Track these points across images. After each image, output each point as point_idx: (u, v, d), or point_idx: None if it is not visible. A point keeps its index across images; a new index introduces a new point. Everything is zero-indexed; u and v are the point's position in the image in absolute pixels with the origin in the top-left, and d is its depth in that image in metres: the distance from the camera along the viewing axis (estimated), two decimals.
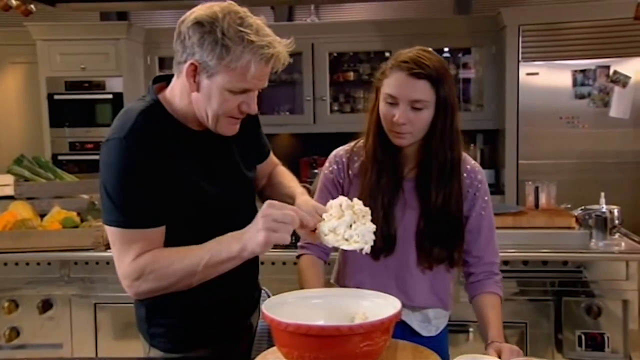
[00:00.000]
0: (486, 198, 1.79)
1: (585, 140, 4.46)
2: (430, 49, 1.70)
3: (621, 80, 4.36)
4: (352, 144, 1.84)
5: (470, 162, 1.79)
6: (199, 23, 1.41)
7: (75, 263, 2.86)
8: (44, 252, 2.80)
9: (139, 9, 5.51)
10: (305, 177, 4.96)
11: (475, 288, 1.77)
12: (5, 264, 2.86)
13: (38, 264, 2.87)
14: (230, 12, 1.42)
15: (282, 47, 1.44)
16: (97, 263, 2.85)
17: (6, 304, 2.87)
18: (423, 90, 1.62)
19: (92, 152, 4.93)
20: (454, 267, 1.78)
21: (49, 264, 2.87)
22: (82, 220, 2.92)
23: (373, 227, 1.43)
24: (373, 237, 1.42)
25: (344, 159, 1.81)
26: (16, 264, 2.86)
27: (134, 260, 1.44)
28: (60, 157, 4.98)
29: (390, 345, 1.44)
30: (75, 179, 3.25)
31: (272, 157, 1.85)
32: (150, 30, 5.20)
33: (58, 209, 2.94)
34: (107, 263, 2.82)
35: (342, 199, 1.45)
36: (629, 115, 4.36)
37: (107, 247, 2.77)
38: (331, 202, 1.46)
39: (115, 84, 4.97)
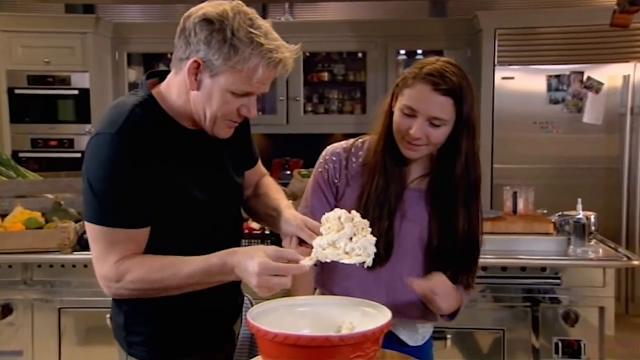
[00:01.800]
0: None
1: (559, 146, 4.48)
2: (454, 61, 1.63)
3: (594, 86, 4.40)
4: (350, 141, 1.77)
5: None
6: (207, 20, 1.35)
7: (39, 266, 2.74)
8: (4, 255, 2.65)
9: (106, 2, 5.37)
10: (276, 178, 4.86)
11: None
12: None
13: None
14: (240, 11, 1.36)
15: (289, 53, 1.39)
16: (62, 266, 2.74)
17: None
18: (445, 108, 1.55)
19: (55, 149, 4.78)
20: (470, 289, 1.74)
21: (10, 266, 2.75)
22: (47, 221, 2.79)
23: (374, 239, 1.37)
24: (374, 249, 1.36)
25: (341, 158, 1.72)
26: None
27: (118, 262, 1.38)
28: (20, 154, 4.80)
29: (379, 355, 1.38)
30: (39, 177, 3.12)
31: (260, 166, 1.79)
32: (118, 24, 5.06)
33: (21, 209, 2.80)
34: (74, 266, 2.72)
35: (340, 212, 1.39)
36: (601, 121, 4.39)
37: (74, 249, 2.66)
38: (327, 215, 1.40)
39: (80, 80, 4.80)
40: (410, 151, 1.60)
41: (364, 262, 1.34)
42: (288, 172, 4.87)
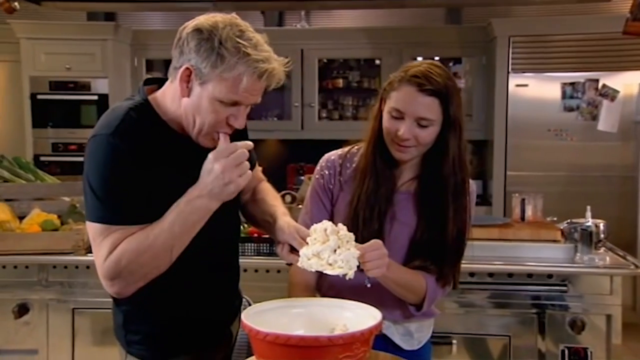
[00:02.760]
0: (472, 210, 1.77)
1: (573, 153, 4.46)
2: (439, 63, 1.68)
3: (610, 94, 4.38)
4: (345, 149, 1.82)
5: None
6: (198, 30, 1.42)
7: (54, 267, 2.80)
8: (21, 255, 2.73)
9: (126, 9, 5.46)
10: (291, 183, 4.93)
11: None
12: None
13: (15, 267, 2.81)
14: (231, 24, 1.42)
15: (278, 64, 1.43)
16: (76, 267, 2.80)
17: None
18: (431, 108, 1.59)
19: (76, 153, 4.86)
20: (447, 286, 1.73)
21: (26, 267, 2.81)
22: (62, 223, 2.86)
23: (357, 252, 1.42)
24: (357, 262, 1.41)
25: (336, 164, 1.78)
26: None
27: (110, 254, 1.41)
28: (42, 158, 4.91)
29: (371, 357, 1.41)
30: (56, 180, 3.19)
31: (258, 172, 1.83)
32: (137, 31, 5.16)
33: (38, 211, 2.88)
34: (87, 267, 2.77)
35: (327, 224, 1.44)
36: (616, 129, 4.37)
37: (88, 250, 2.72)
38: (315, 226, 1.45)
39: (100, 85, 4.92)
40: (401, 153, 1.64)
41: (345, 274, 1.38)
42: (302, 178, 4.90)
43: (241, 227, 2.80)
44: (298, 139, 5.12)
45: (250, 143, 1.45)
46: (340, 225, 1.45)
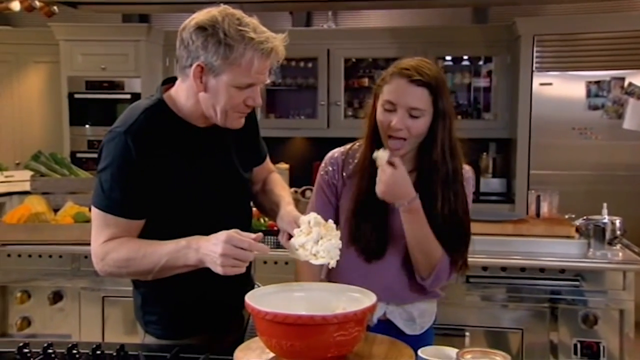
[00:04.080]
0: (469, 196, 1.83)
1: (598, 152, 4.46)
2: (428, 60, 1.75)
3: (636, 92, 4.35)
4: (348, 146, 1.90)
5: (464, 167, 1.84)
6: (201, 27, 1.49)
7: (86, 257, 2.93)
8: (56, 245, 2.89)
9: (158, 11, 5.63)
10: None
11: None
12: (19, 256, 2.97)
13: (50, 256, 2.97)
14: (228, 14, 1.51)
15: (278, 41, 1.53)
16: None
17: (19, 295, 2.97)
18: (421, 98, 1.66)
19: None
20: (455, 272, 1.80)
21: (60, 257, 2.97)
22: None
23: (339, 243, 1.51)
24: (338, 252, 1.50)
25: (339, 161, 1.86)
26: (29, 255, 2.97)
27: (105, 243, 1.55)
28: (79, 155, 5.12)
29: (368, 338, 1.49)
30: (89, 175, 3.35)
31: (268, 163, 1.92)
32: (169, 32, 5.30)
33: (71, 204, 3.04)
34: None
35: (311, 216, 1.53)
36: None
37: None
38: (302, 218, 1.55)
39: (134, 85, 5.10)
40: (395, 145, 1.71)
41: (328, 264, 1.48)
42: None
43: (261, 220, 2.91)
44: (324, 137, 5.17)
45: (266, 249, 1.49)
46: (330, 221, 1.54)
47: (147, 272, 1.54)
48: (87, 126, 5.19)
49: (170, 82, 1.67)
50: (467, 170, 1.83)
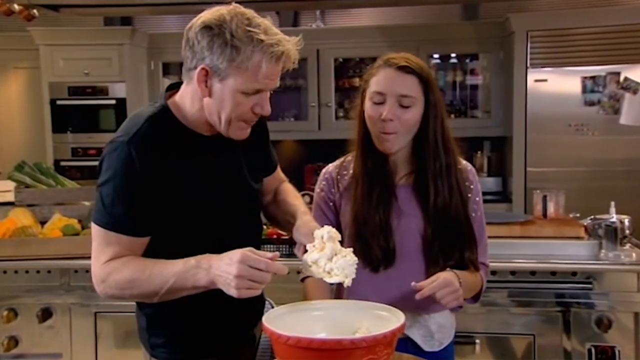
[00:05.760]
0: (477, 199, 1.78)
1: (595, 148, 4.40)
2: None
3: (632, 86, 4.31)
4: (341, 159, 1.84)
5: (461, 163, 1.78)
6: (207, 27, 1.40)
7: (76, 271, 2.82)
8: (44, 260, 2.76)
9: (143, 13, 5.49)
10: (309, 183, 4.91)
11: None
12: (5, 272, 2.83)
13: (38, 272, 2.84)
14: (237, 14, 1.41)
15: (291, 45, 1.43)
16: None
17: (5, 313, 2.83)
18: (411, 86, 1.62)
19: (95, 158, 4.85)
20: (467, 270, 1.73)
21: (49, 272, 2.84)
22: (83, 228, 2.89)
23: (354, 259, 1.42)
24: (354, 270, 1.41)
25: (332, 175, 1.81)
26: (15, 272, 2.83)
27: (105, 263, 1.44)
28: (62, 163, 4.95)
29: (394, 358, 1.40)
30: (76, 185, 3.23)
31: (279, 173, 1.83)
32: (154, 35, 5.17)
33: (59, 216, 2.91)
34: None
35: (325, 230, 1.44)
36: (639, 122, 4.29)
37: None
38: (316, 232, 1.45)
39: (118, 90, 4.94)
40: (385, 142, 1.64)
41: (342, 282, 1.38)
42: None
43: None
44: (315, 139, 5.09)
45: (284, 270, 1.37)
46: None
47: (153, 294, 1.41)
48: (70, 133, 5.02)
49: (174, 87, 1.56)
50: (469, 170, 1.78)
